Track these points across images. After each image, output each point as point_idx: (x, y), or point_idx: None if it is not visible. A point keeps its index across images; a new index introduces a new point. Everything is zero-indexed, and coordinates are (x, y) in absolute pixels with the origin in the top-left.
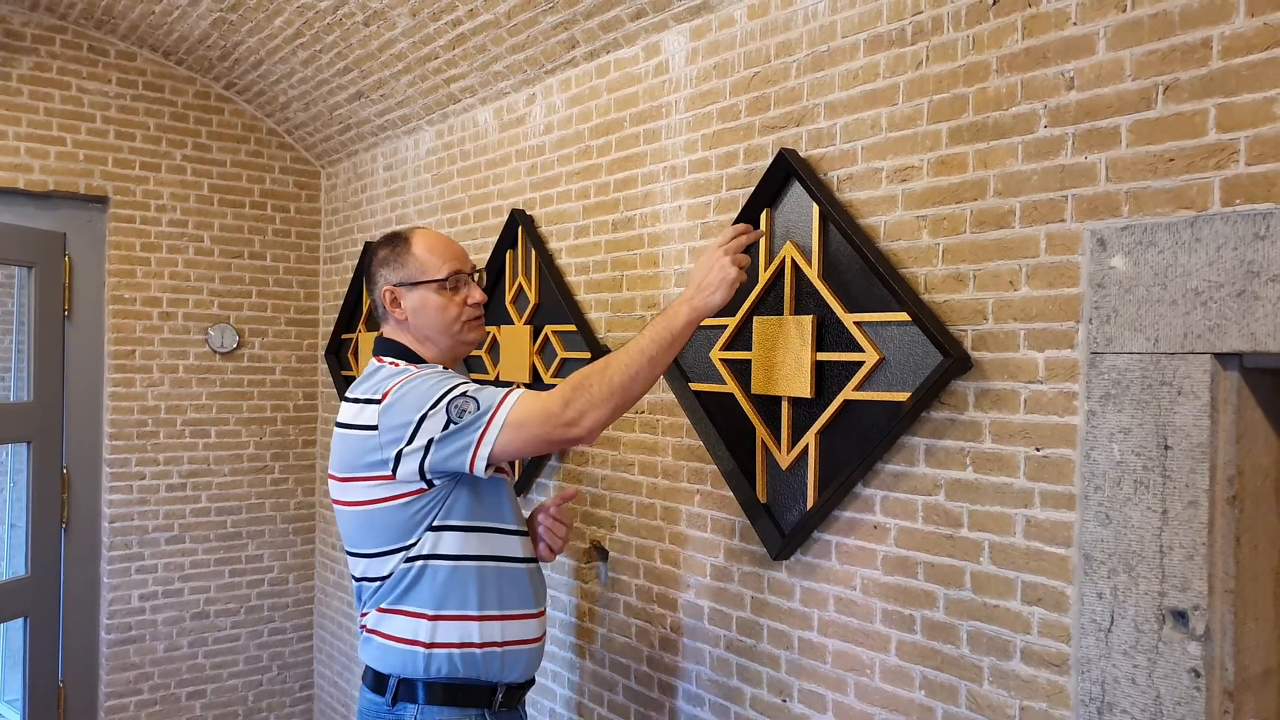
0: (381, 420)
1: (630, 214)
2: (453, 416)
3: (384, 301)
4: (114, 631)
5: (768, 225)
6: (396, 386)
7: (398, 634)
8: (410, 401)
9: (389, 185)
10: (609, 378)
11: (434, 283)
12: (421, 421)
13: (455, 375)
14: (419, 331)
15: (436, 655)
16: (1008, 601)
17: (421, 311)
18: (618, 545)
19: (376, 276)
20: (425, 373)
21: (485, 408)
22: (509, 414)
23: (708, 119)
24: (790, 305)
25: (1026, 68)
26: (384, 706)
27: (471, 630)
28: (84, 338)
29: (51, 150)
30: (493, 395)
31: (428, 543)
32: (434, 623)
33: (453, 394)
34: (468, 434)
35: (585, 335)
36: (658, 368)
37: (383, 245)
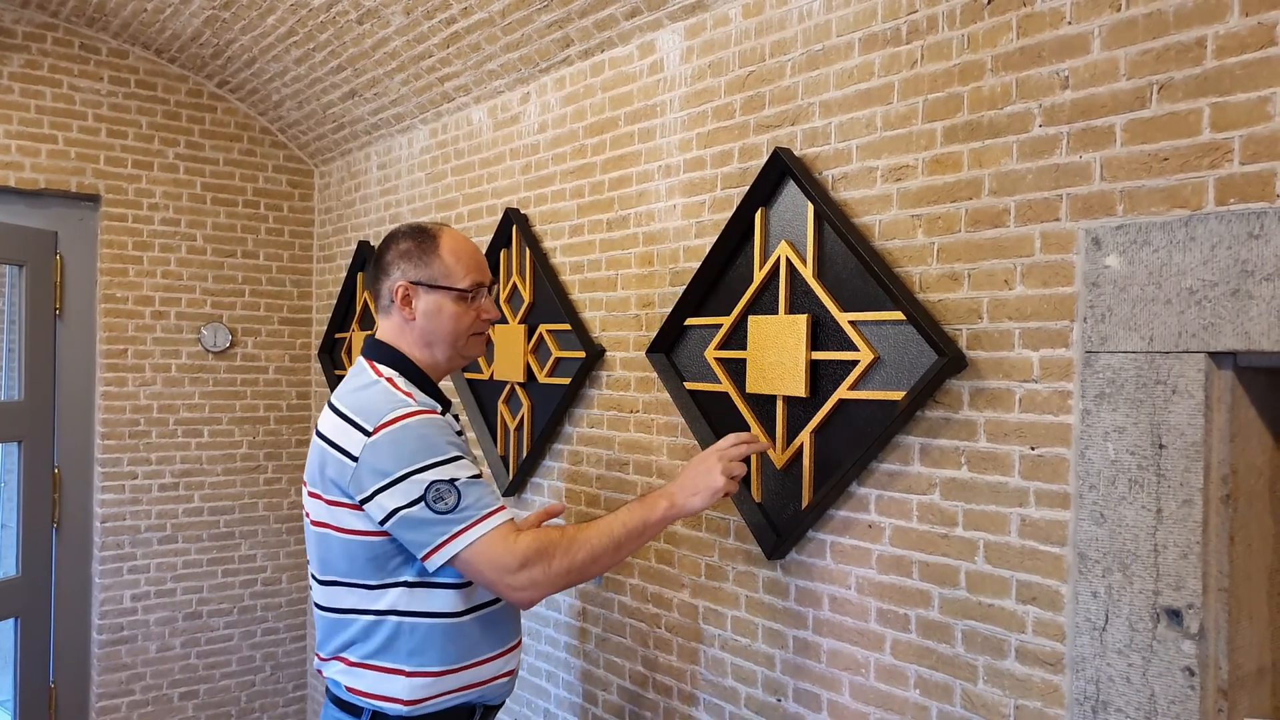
0: (364, 455)
1: (625, 213)
2: (429, 499)
3: (394, 295)
4: (106, 632)
5: (762, 224)
6: (392, 426)
7: (372, 691)
8: (397, 452)
9: (383, 184)
10: (572, 556)
11: (455, 291)
12: (398, 480)
13: (452, 437)
14: (424, 335)
15: (417, 706)
16: (1003, 600)
17: (435, 316)
18: None
19: (393, 268)
20: (425, 419)
21: (465, 514)
22: (480, 538)
23: (702, 118)
24: (785, 304)
25: (1021, 67)
26: None
27: (452, 681)
28: (76, 336)
29: (43, 148)
30: (478, 500)
31: (403, 599)
32: (412, 679)
33: (440, 473)
34: (435, 530)
35: (580, 334)
36: (621, 555)
37: (408, 237)
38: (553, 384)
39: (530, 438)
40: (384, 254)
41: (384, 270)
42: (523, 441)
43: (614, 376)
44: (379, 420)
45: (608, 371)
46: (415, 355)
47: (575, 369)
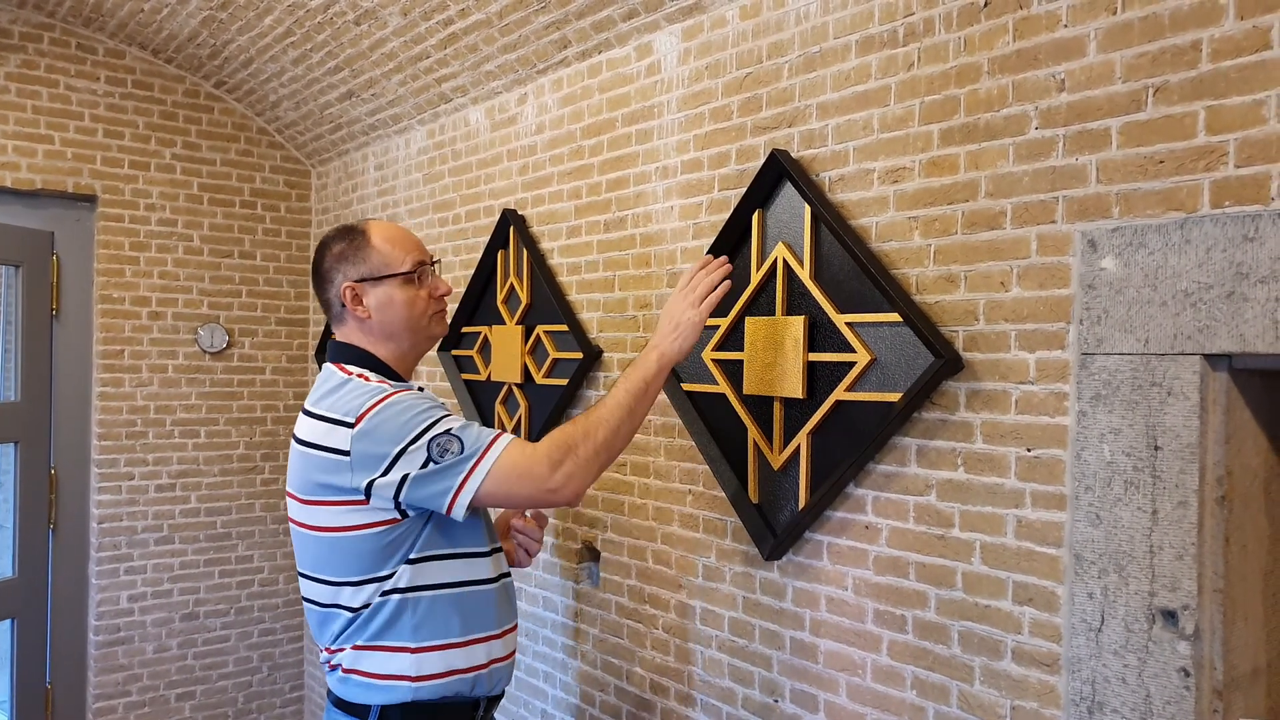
0: (355, 446)
1: (622, 214)
2: (434, 455)
3: (343, 299)
4: (102, 633)
5: (759, 226)
6: (372, 411)
7: (380, 671)
8: (388, 431)
9: (380, 185)
10: (594, 437)
11: (399, 276)
12: (400, 456)
13: (434, 402)
14: (384, 329)
15: (424, 687)
16: (999, 601)
17: (387, 308)
18: (609, 546)
19: (333, 274)
20: (401, 396)
21: (470, 451)
22: (494, 464)
23: (700, 119)
24: (782, 306)
25: (1018, 69)
26: None
27: (456, 658)
28: (72, 337)
29: (39, 148)
30: (478, 437)
31: (405, 575)
32: (418, 655)
33: (435, 430)
34: (449, 477)
35: (577, 335)
36: (637, 418)
37: (337, 240)
38: (550, 385)
39: (527, 439)
40: (320, 263)
41: (325, 279)
42: None
43: (612, 377)
44: (358, 411)
45: (605, 372)
46: (380, 352)
47: (573, 370)
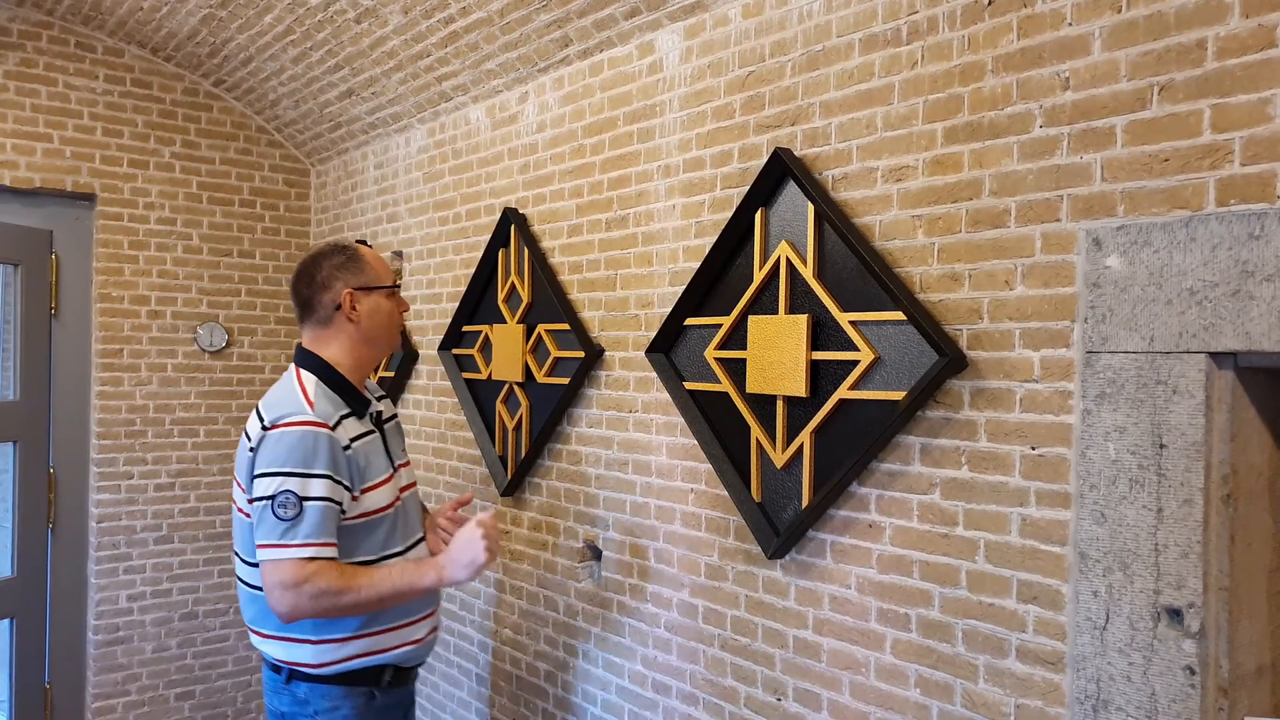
0: (259, 446)
1: (624, 213)
2: (276, 503)
3: (341, 303)
4: (101, 632)
5: (762, 224)
6: (283, 429)
7: (283, 656)
8: (274, 452)
9: (379, 183)
10: (341, 602)
11: (386, 289)
12: (264, 475)
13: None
14: (368, 334)
15: (323, 669)
16: (1003, 600)
17: (375, 315)
18: (611, 545)
19: (333, 280)
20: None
21: (290, 533)
22: (286, 558)
23: (702, 118)
24: (785, 304)
25: (1022, 68)
26: (280, 684)
27: (353, 647)
28: (71, 336)
29: (38, 147)
30: (306, 527)
31: None
32: (318, 646)
33: (293, 485)
34: (267, 531)
35: (579, 334)
36: (382, 606)
37: (335, 254)
38: (551, 384)
39: (529, 437)
40: (317, 271)
41: (323, 285)
42: (521, 441)
43: (613, 376)
44: (275, 420)
45: (607, 371)
46: (345, 360)
47: (574, 369)
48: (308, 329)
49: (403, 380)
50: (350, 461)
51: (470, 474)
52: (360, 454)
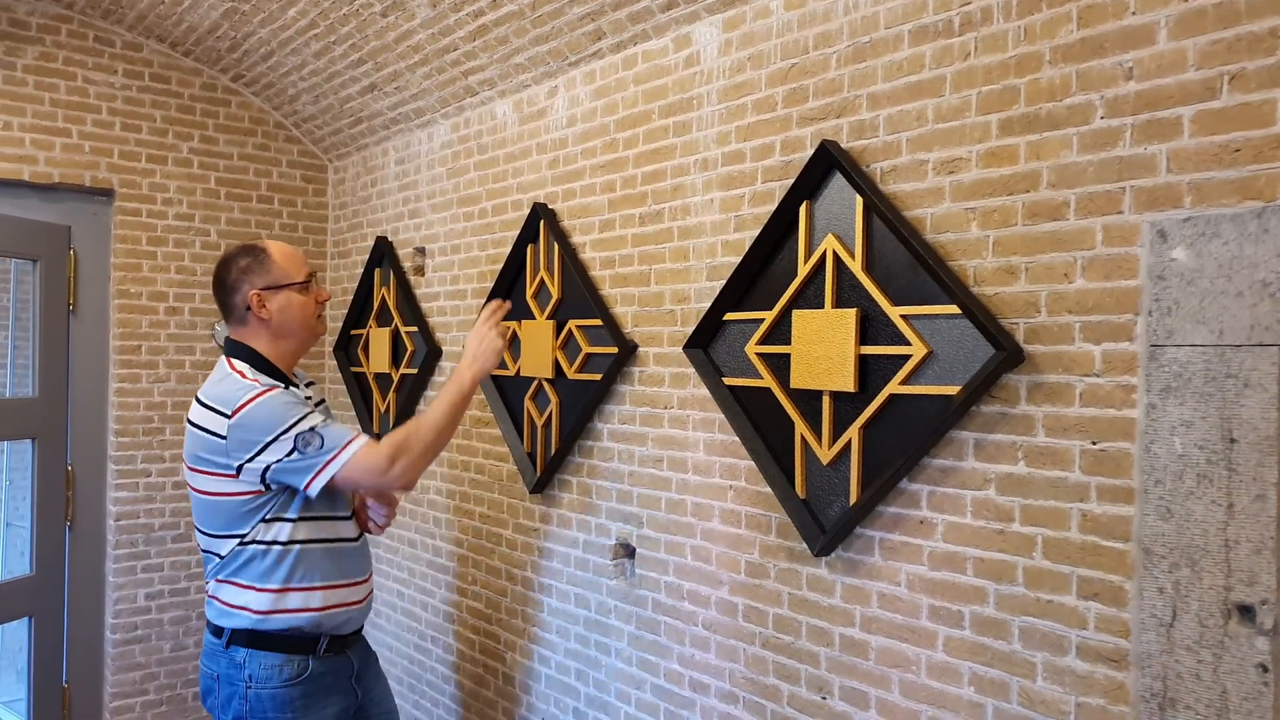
0: (230, 434)
1: (659, 207)
2: (299, 446)
3: (250, 304)
4: (119, 631)
5: (807, 217)
6: (247, 406)
7: (231, 601)
8: (258, 424)
9: (401, 179)
10: (424, 439)
11: (296, 285)
12: (267, 445)
13: (296, 401)
14: (281, 329)
15: (267, 619)
16: (1062, 597)
17: (286, 310)
18: (645, 542)
19: (240, 283)
20: (270, 396)
21: (330, 446)
22: (350, 459)
23: (742, 110)
24: (832, 298)
25: (1082, 58)
26: (219, 647)
27: (294, 599)
28: (89, 333)
29: (57, 142)
30: (337, 436)
31: (259, 531)
32: (262, 594)
33: (299, 427)
34: (309, 464)
35: (611, 330)
36: (455, 422)
37: (242, 256)
38: (582, 380)
39: (559, 434)
40: (226, 276)
41: (232, 288)
42: (550, 438)
43: (647, 372)
44: (234, 405)
45: (640, 367)
46: (265, 349)
47: (606, 365)
48: (230, 326)
49: (425, 377)
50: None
51: (496, 470)
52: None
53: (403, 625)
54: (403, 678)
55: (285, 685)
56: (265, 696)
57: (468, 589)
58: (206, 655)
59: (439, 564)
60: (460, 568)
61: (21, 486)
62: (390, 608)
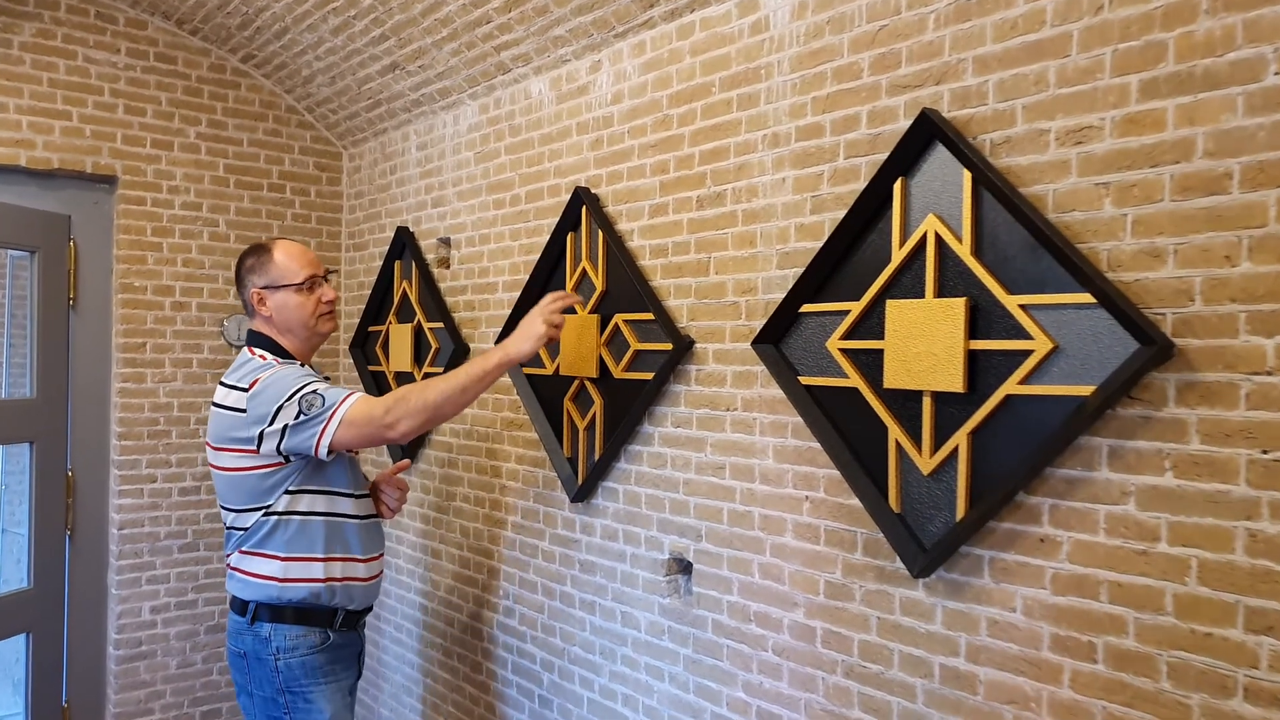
0: (248, 405)
1: (720, 189)
2: (303, 409)
3: (252, 301)
4: (123, 647)
5: (902, 196)
6: (262, 380)
7: (256, 571)
8: (271, 393)
9: (423, 165)
10: (425, 397)
11: (293, 286)
12: (279, 410)
13: (309, 373)
14: (281, 326)
15: (287, 588)
16: (1225, 630)
17: (283, 309)
18: (704, 557)
19: (246, 281)
20: (285, 369)
21: (328, 404)
22: (345, 413)
23: (819, 80)
24: (934, 286)
25: (1248, 6)
26: (245, 625)
27: (314, 569)
28: (90, 329)
29: (56, 125)
30: (336, 395)
31: (282, 502)
32: (284, 563)
33: (304, 390)
34: (314, 424)
35: (665, 324)
36: (468, 396)
37: (249, 255)
38: (631, 379)
39: (603, 438)
40: (238, 271)
41: (240, 284)
42: (594, 442)
43: (705, 371)
44: (251, 379)
45: (698, 365)
46: (282, 342)
47: (659, 363)
48: (249, 318)
49: None
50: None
51: (532, 477)
52: None
53: (426, 640)
54: (426, 696)
55: (312, 652)
56: (295, 665)
57: (499, 603)
58: (232, 635)
59: (466, 576)
60: (490, 580)
61: (18, 492)
62: (412, 621)
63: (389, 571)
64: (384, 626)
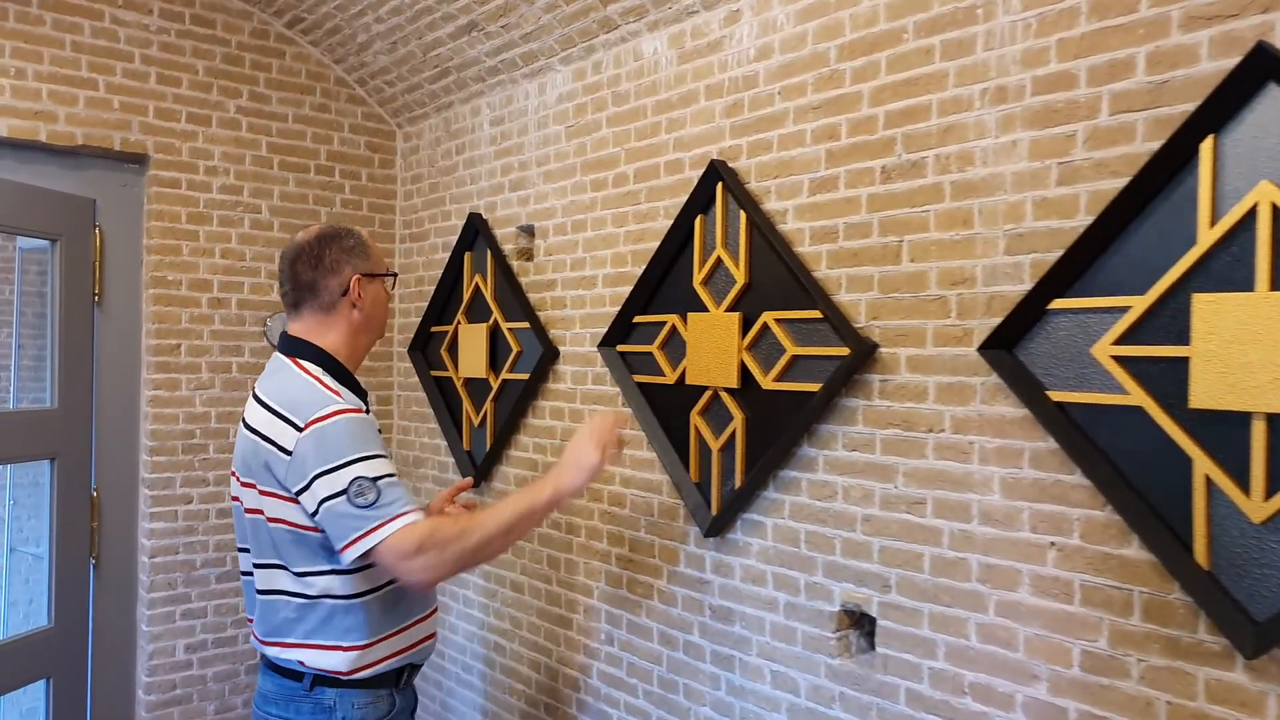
0: (297, 449)
1: (916, 156)
2: (351, 494)
3: (349, 287)
4: (155, 691)
5: (1212, 159)
6: (320, 424)
7: (315, 664)
8: (328, 447)
9: (498, 143)
10: (466, 542)
11: (387, 277)
12: (322, 475)
13: (374, 434)
14: (367, 322)
15: (355, 674)
16: None
17: (376, 303)
18: (894, 612)
19: (341, 265)
20: (351, 417)
21: (378, 510)
22: (387, 537)
23: (1070, 17)
24: (1268, 275)
25: None
26: (300, 691)
27: (381, 649)
28: (118, 329)
29: (80, 95)
30: (393, 499)
31: (336, 584)
32: (347, 653)
33: (361, 468)
34: (352, 524)
35: (837, 325)
36: (511, 538)
37: (347, 235)
38: (785, 390)
39: (744, 461)
40: (325, 253)
41: (330, 269)
42: (733, 466)
43: (896, 382)
44: (309, 416)
45: (884, 375)
46: (340, 349)
47: (827, 371)
48: (305, 315)
49: (537, 384)
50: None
51: (643, 503)
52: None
53: (503, 685)
54: None
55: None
56: None
57: (599, 649)
58: (281, 701)
59: (556, 614)
60: (587, 622)
61: (38, 516)
62: (484, 662)
63: (455, 604)
64: (448, 666)
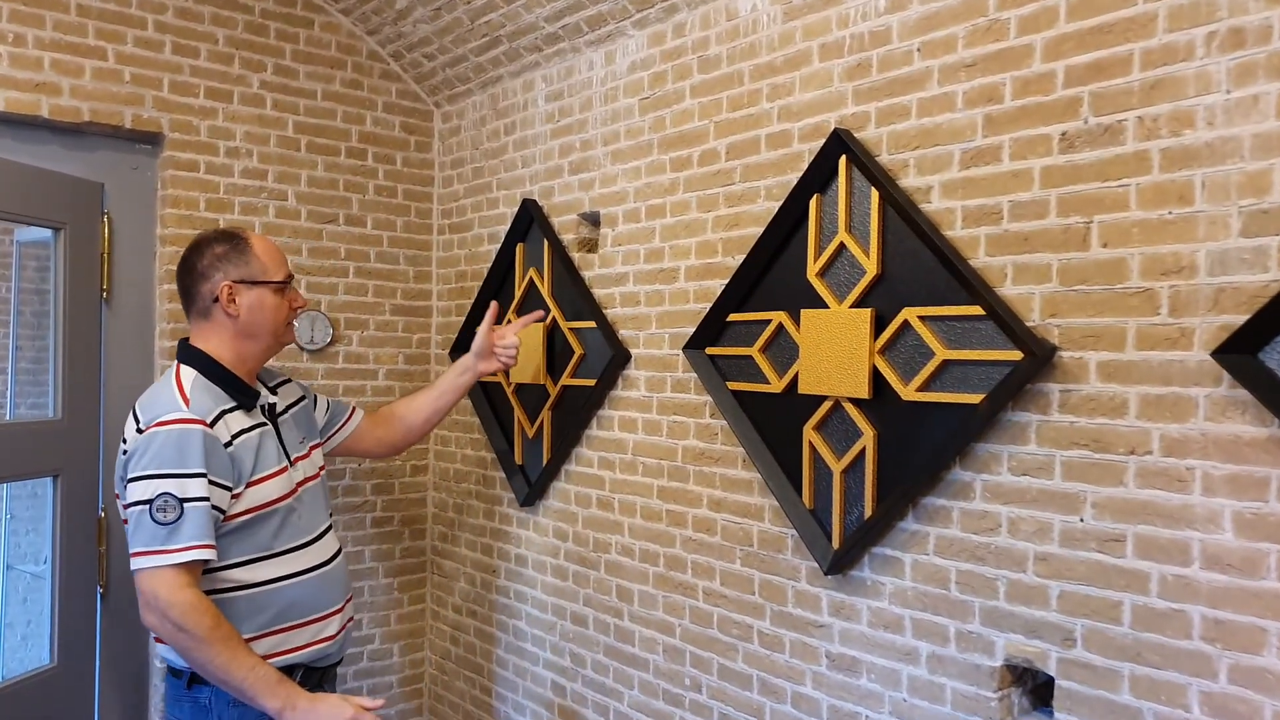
0: (134, 447)
1: (1110, 119)
2: (154, 507)
3: (219, 295)
4: None
5: None
6: (154, 429)
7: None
8: (150, 454)
9: (555, 121)
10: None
11: (272, 284)
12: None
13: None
14: (248, 329)
15: None
16: None
17: (257, 310)
18: (1081, 672)
19: (211, 272)
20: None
21: (169, 536)
22: (148, 569)
23: None
24: None
25: None
26: (181, 689)
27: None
28: (128, 328)
29: (87, 65)
30: (190, 531)
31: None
32: None
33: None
34: (143, 537)
35: (1001, 324)
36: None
37: (217, 242)
38: (927, 402)
39: (875, 486)
40: (197, 260)
41: (201, 275)
42: (861, 491)
43: (1083, 392)
44: (152, 419)
45: (1064, 384)
46: (225, 354)
47: (990, 380)
48: (190, 320)
49: (605, 391)
50: (233, 459)
51: (738, 531)
52: (246, 449)
53: None
54: None
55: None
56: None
57: (683, 695)
58: (169, 701)
59: (628, 654)
60: (670, 664)
61: (39, 538)
62: (542, 704)
63: (503, 636)
64: (498, 706)
